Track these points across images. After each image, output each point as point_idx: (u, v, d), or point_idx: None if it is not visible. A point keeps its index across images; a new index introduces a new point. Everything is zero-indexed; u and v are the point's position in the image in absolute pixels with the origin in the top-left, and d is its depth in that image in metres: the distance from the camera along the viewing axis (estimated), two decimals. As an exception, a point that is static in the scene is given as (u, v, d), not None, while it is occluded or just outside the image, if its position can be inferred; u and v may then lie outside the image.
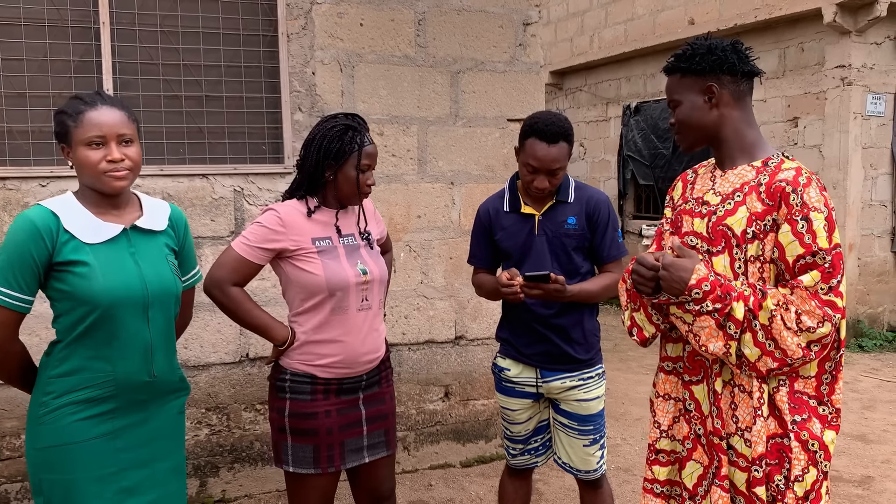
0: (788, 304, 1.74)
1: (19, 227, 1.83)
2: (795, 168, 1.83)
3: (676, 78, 1.96)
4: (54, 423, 1.87)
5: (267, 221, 2.26)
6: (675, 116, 1.97)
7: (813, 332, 1.72)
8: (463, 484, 3.94)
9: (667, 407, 2.04)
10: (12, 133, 3.37)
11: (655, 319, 1.99)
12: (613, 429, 4.83)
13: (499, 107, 4.06)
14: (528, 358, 2.61)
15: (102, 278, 1.85)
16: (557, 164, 2.47)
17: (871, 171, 7.36)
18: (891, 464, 4.27)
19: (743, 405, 1.84)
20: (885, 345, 7.30)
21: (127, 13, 3.49)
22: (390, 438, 2.47)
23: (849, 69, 7.06)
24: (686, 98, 1.93)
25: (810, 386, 1.84)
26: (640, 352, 7.11)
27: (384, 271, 2.42)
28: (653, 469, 2.06)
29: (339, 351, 2.29)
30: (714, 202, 1.90)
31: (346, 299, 2.28)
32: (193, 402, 3.64)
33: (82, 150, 1.87)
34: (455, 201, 4.05)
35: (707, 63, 1.89)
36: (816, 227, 1.74)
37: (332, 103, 3.75)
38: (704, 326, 1.80)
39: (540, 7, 4.17)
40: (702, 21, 8.34)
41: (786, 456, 1.80)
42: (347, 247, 2.33)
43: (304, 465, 2.31)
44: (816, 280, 1.73)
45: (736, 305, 1.76)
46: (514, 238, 2.59)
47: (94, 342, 1.88)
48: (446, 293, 4.06)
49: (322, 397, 2.31)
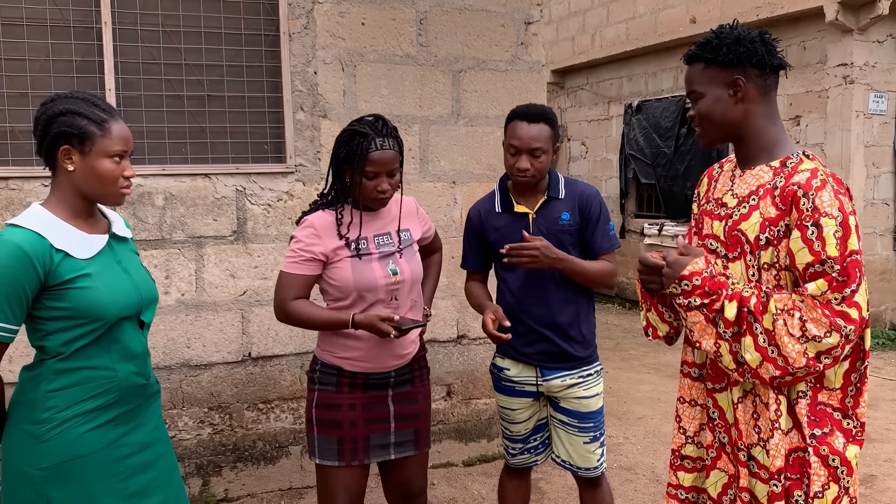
0: (794, 310, 1.66)
1: (7, 256, 1.71)
2: (811, 170, 1.73)
3: (699, 68, 1.82)
4: (63, 437, 1.80)
5: (302, 235, 2.33)
6: (696, 109, 1.84)
7: (819, 341, 1.64)
8: (465, 483, 3.94)
9: (693, 413, 1.98)
10: (14, 133, 3.38)
11: (668, 317, 1.99)
12: (615, 427, 4.83)
13: (500, 106, 4.06)
14: (528, 357, 2.62)
15: (105, 290, 1.82)
16: (537, 144, 2.47)
17: (874, 170, 7.35)
18: (893, 462, 4.27)
19: (764, 416, 1.77)
20: (887, 343, 7.29)
21: (129, 13, 3.49)
22: (420, 438, 2.49)
23: (851, 67, 7.05)
24: (709, 91, 1.80)
25: (835, 398, 1.76)
26: (641, 350, 7.11)
27: (417, 271, 2.44)
28: (678, 475, 2.01)
29: (362, 346, 2.34)
30: (731, 204, 1.83)
31: (375, 300, 2.33)
32: (196, 402, 3.65)
33: (104, 161, 1.81)
34: (457, 200, 4.05)
35: (735, 55, 1.76)
36: (826, 233, 1.64)
37: (333, 103, 3.75)
38: (696, 322, 1.79)
39: (541, 6, 4.17)
40: (703, 19, 8.33)
41: (806, 471, 1.72)
42: (381, 247, 2.36)
43: (329, 457, 2.37)
44: (823, 289, 1.64)
45: (727, 304, 1.72)
46: (509, 238, 2.58)
47: (96, 351, 1.85)
48: (448, 292, 4.06)
49: (348, 390, 2.37)
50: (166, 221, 3.54)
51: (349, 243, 2.33)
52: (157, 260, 3.53)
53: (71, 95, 1.85)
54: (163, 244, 3.55)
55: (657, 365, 6.57)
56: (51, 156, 1.83)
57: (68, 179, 1.84)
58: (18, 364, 3.33)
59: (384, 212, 2.43)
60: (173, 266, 3.57)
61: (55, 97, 1.84)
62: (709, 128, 1.85)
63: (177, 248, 3.57)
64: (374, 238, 2.37)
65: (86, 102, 1.83)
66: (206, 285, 3.63)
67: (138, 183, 3.48)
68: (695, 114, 1.86)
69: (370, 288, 2.31)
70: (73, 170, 1.82)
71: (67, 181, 1.84)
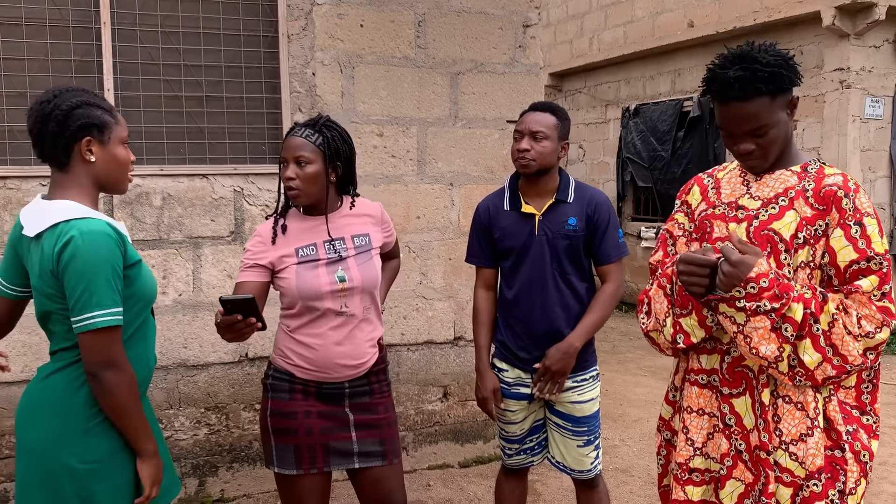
0: (848, 308, 1.69)
1: (99, 243, 1.75)
2: (841, 174, 1.79)
3: (766, 102, 1.73)
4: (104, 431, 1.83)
5: (250, 244, 2.32)
6: (762, 141, 1.78)
7: (872, 337, 1.68)
8: (461, 484, 3.95)
9: (700, 423, 1.90)
10: (13, 132, 3.38)
11: (710, 321, 1.82)
12: (611, 430, 4.84)
13: (498, 108, 4.07)
14: (524, 362, 2.62)
15: (149, 272, 1.94)
16: (539, 127, 2.51)
17: (870, 174, 7.38)
18: (887, 465, 4.28)
19: (788, 417, 1.75)
20: (885, 348, 7.30)
21: (128, 13, 3.50)
22: (389, 449, 2.40)
23: (847, 72, 7.08)
24: (774, 119, 1.75)
25: (851, 396, 1.79)
26: (637, 353, 7.12)
27: (370, 278, 2.32)
28: (686, 489, 1.91)
29: (311, 354, 2.28)
30: (753, 206, 1.82)
31: (321, 307, 2.27)
32: (193, 402, 3.65)
33: (120, 148, 1.89)
34: (454, 202, 4.06)
35: (790, 80, 1.75)
36: (871, 231, 1.70)
37: (332, 104, 3.76)
38: (758, 327, 1.69)
39: (539, 9, 4.19)
40: (701, 24, 8.36)
41: (840, 468, 1.74)
42: (331, 253, 2.29)
43: (287, 466, 2.31)
44: (874, 285, 1.68)
45: (795, 306, 1.67)
46: (512, 238, 2.59)
47: (138, 339, 1.92)
48: (445, 294, 4.07)
49: (301, 397, 2.31)
50: (164, 222, 3.55)
51: (297, 250, 2.27)
52: (155, 260, 3.53)
53: (71, 89, 1.86)
54: (160, 244, 3.55)
55: (653, 368, 6.58)
56: (68, 150, 1.82)
57: (87, 171, 1.85)
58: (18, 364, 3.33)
59: (340, 216, 2.35)
60: (171, 266, 3.57)
61: (57, 93, 1.84)
62: (774, 152, 1.81)
63: (174, 248, 3.58)
64: (324, 244, 2.29)
65: (89, 94, 1.88)
66: (204, 285, 3.63)
67: (136, 183, 3.48)
68: (755, 146, 1.79)
69: (314, 295, 2.24)
70: (94, 161, 1.84)
71: (86, 173, 1.85)
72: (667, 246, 2.02)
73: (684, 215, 2.01)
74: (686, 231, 1.99)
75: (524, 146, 2.51)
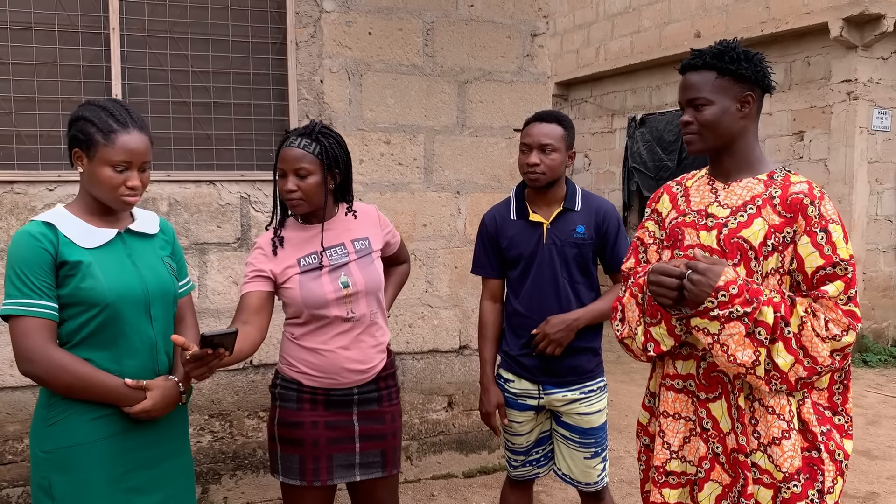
0: (816, 312, 1.74)
1: (20, 241, 1.85)
2: (806, 181, 1.83)
3: (710, 76, 1.85)
4: (64, 425, 1.87)
5: (251, 258, 2.32)
6: (700, 116, 1.87)
7: (838, 340, 1.72)
8: (465, 494, 3.92)
9: (677, 427, 1.94)
10: (21, 137, 3.38)
11: (678, 331, 1.85)
12: (617, 441, 4.80)
13: (505, 117, 4.07)
14: (530, 372, 2.60)
15: (104, 278, 1.88)
16: (548, 140, 2.49)
17: (877, 186, 7.35)
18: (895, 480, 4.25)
19: (764, 420, 1.80)
20: (889, 360, 7.26)
21: (137, 19, 3.51)
22: (389, 459, 2.39)
23: (855, 84, 7.07)
24: (719, 100, 1.84)
25: (824, 397, 1.84)
26: (643, 364, 7.06)
27: (373, 281, 2.32)
28: (662, 492, 1.95)
29: (318, 361, 2.28)
30: (722, 214, 1.86)
31: (328, 314, 2.26)
32: (196, 409, 3.63)
33: (105, 169, 1.88)
34: (461, 210, 4.05)
35: (751, 72, 1.83)
36: (836, 238, 1.75)
37: (339, 111, 3.76)
38: (733, 333, 1.72)
39: (548, 18, 4.18)
40: (708, 34, 8.36)
41: (818, 469, 1.78)
42: (333, 260, 2.29)
43: (292, 476, 2.30)
44: (840, 290, 1.73)
45: (765, 309, 1.73)
46: (521, 246, 2.58)
47: (101, 342, 1.90)
48: (451, 302, 4.05)
49: (309, 406, 2.30)
50: (170, 227, 3.54)
51: (299, 260, 2.27)
52: (161, 266, 3.52)
53: (94, 102, 1.93)
54: (166, 250, 3.54)
55: (659, 378, 6.53)
56: (70, 157, 1.95)
57: (83, 180, 1.95)
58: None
59: (338, 222, 2.35)
60: (176, 272, 3.56)
61: (85, 102, 1.95)
62: (709, 136, 1.88)
63: (180, 254, 3.57)
64: (326, 251, 2.29)
65: (104, 111, 1.90)
66: (209, 292, 3.62)
67: (143, 189, 3.48)
68: (692, 119, 1.89)
69: (320, 304, 2.24)
70: (82, 171, 1.93)
71: (83, 181, 1.95)
72: (638, 254, 2.06)
73: (655, 223, 2.04)
74: (657, 239, 2.02)
75: (534, 160, 2.49)
